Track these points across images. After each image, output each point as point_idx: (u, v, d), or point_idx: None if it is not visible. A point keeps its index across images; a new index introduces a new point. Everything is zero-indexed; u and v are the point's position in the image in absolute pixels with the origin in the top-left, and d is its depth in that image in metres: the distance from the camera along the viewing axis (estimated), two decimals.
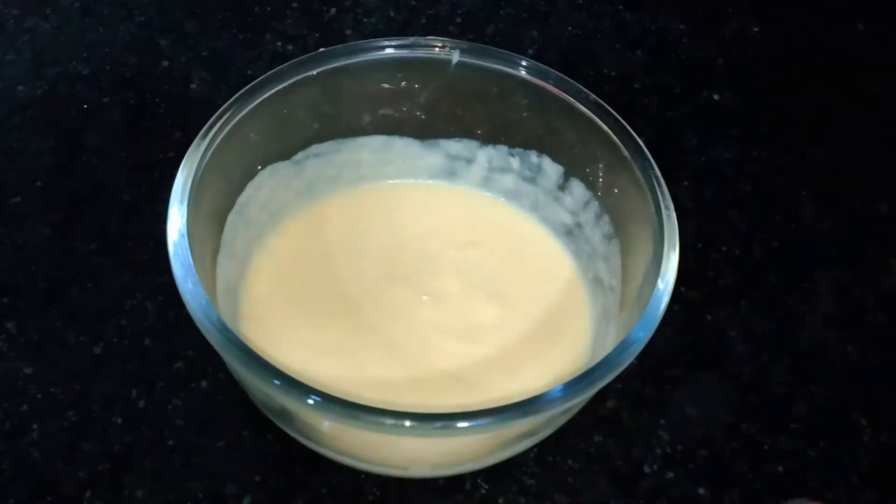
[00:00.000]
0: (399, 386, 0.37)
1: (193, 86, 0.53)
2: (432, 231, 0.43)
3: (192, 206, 0.34)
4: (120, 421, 0.40)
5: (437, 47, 0.40)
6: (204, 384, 0.41)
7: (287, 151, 0.42)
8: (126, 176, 0.48)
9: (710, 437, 0.41)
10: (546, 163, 0.43)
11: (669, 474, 0.40)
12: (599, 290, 0.41)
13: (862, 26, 0.60)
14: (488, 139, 0.43)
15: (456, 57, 0.40)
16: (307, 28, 0.57)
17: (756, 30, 0.60)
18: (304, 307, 0.40)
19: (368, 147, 0.44)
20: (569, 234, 0.43)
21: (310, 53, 0.40)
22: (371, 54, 0.40)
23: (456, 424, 0.29)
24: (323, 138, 0.43)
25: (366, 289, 0.41)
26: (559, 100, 0.40)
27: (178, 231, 0.33)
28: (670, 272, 0.34)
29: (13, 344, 0.42)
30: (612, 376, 0.31)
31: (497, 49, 0.41)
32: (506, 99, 0.42)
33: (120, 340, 0.42)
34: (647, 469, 0.40)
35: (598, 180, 0.41)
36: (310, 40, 0.56)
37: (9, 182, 0.48)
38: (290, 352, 0.36)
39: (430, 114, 0.43)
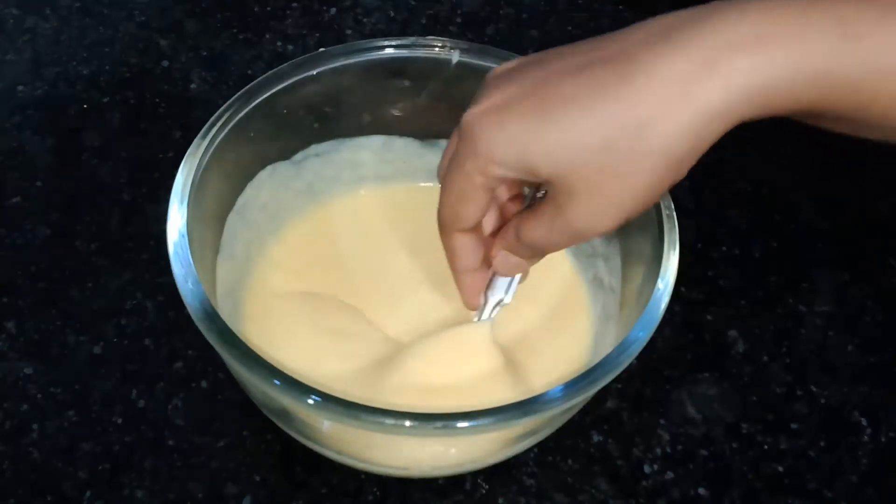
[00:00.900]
0: (399, 385, 0.37)
1: (193, 86, 0.53)
2: (432, 231, 0.43)
3: (192, 206, 0.34)
4: (120, 421, 0.40)
5: (437, 47, 0.40)
6: (204, 384, 0.41)
7: (287, 151, 0.42)
8: (126, 176, 0.48)
9: (710, 437, 0.41)
10: None
11: (669, 474, 0.40)
12: (599, 290, 0.41)
13: None
14: None
15: (456, 57, 0.40)
16: (307, 28, 0.57)
17: None
18: (304, 307, 0.40)
19: (368, 147, 0.44)
20: None
21: (310, 53, 0.40)
22: (371, 54, 0.40)
23: (456, 424, 0.29)
24: (323, 138, 0.43)
25: (366, 289, 0.41)
26: None
27: (178, 231, 0.33)
28: (670, 272, 0.34)
29: (13, 344, 0.42)
30: (612, 376, 0.31)
31: (497, 49, 0.41)
32: None
33: (120, 340, 0.42)
34: (647, 469, 0.40)
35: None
36: (310, 40, 0.56)
37: (9, 182, 0.48)
38: (289, 352, 0.36)
39: (430, 114, 0.43)
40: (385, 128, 0.44)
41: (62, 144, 0.50)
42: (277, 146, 0.41)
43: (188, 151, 0.36)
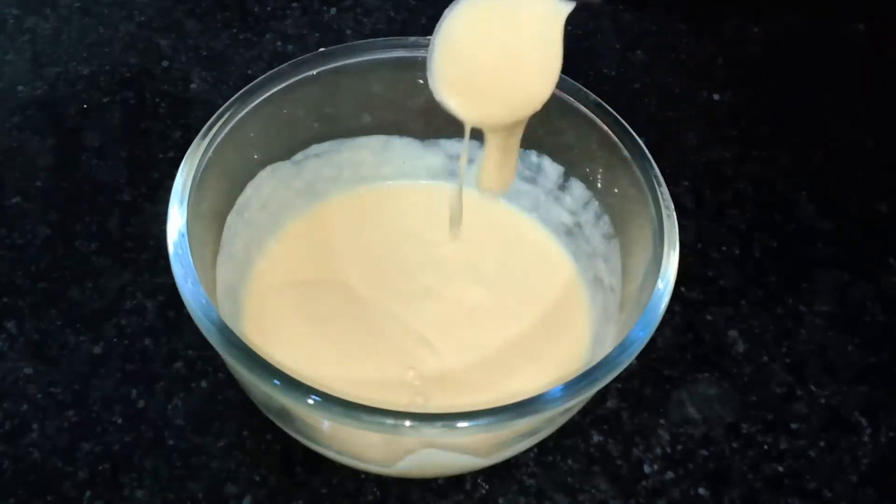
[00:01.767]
0: (399, 385, 0.37)
1: (193, 86, 0.53)
2: (432, 231, 0.43)
3: (192, 206, 0.34)
4: (120, 421, 0.40)
5: None
6: (204, 384, 0.41)
7: (287, 151, 0.42)
8: (126, 176, 0.48)
9: (710, 437, 0.41)
10: (546, 163, 0.43)
11: (669, 474, 0.40)
12: (599, 290, 0.41)
13: (862, 26, 0.60)
14: None
15: None
16: (307, 28, 0.57)
17: (756, 30, 0.60)
18: (305, 307, 0.40)
19: (368, 147, 0.44)
20: (569, 234, 0.43)
21: (310, 53, 0.40)
22: (371, 54, 0.40)
23: (456, 424, 0.29)
24: (323, 138, 0.43)
25: (366, 289, 0.41)
26: (559, 100, 0.40)
27: (178, 231, 0.33)
28: (670, 272, 0.34)
29: (13, 344, 0.42)
30: (612, 376, 0.31)
31: None
32: None
33: (120, 340, 0.42)
34: (647, 469, 0.40)
35: (597, 180, 0.41)
36: (310, 40, 0.56)
37: (9, 182, 0.48)
38: (290, 352, 0.36)
39: (430, 114, 0.42)
40: (385, 128, 0.44)
41: (62, 144, 0.50)
42: (277, 146, 0.41)
43: (188, 151, 0.36)
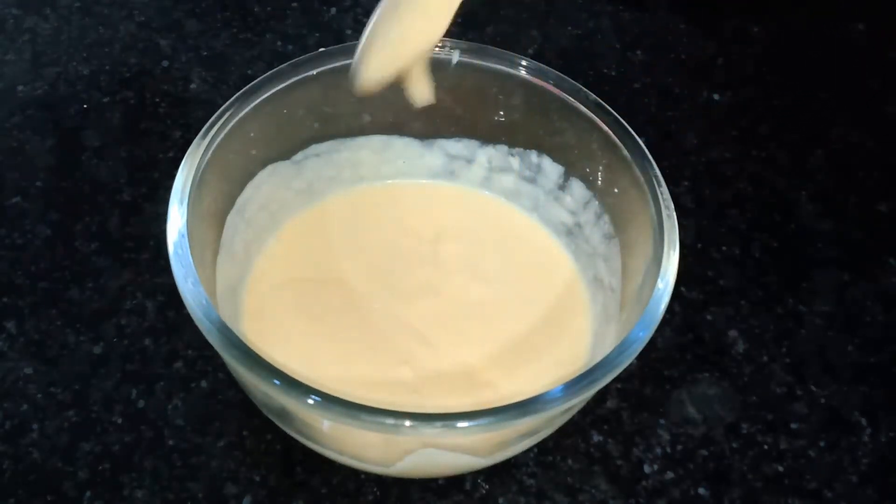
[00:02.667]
0: (399, 385, 0.37)
1: (193, 86, 0.53)
2: (432, 231, 0.43)
3: (192, 206, 0.34)
4: (120, 421, 0.40)
5: (437, 47, 0.40)
6: (204, 384, 0.41)
7: (287, 151, 0.42)
8: (126, 176, 0.48)
9: (710, 437, 0.41)
10: (546, 163, 0.43)
11: (669, 474, 0.40)
12: (599, 290, 0.41)
13: (862, 26, 0.60)
14: (488, 139, 0.43)
15: (456, 57, 0.40)
16: (307, 28, 0.57)
17: (756, 30, 0.60)
18: (305, 307, 0.40)
19: (368, 147, 0.44)
20: (569, 233, 0.43)
21: (310, 53, 0.40)
22: None
23: (456, 424, 0.29)
24: (323, 138, 0.43)
25: (366, 289, 0.41)
26: (559, 100, 0.40)
27: (178, 231, 0.33)
28: (670, 272, 0.34)
29: (13, 344, 0.42)
30: (612, 376, 0.31)
31: (497, 49, 0.41)
32: (506, 99, 0.42)
33: (120, 340, 0.42)
34: (647, 469, 0.40)
35: (597, 180, 0.41)
36: (310, 40, 0.56)
37: (9, 182, 0.48)
38: (290, 352, 0.36)
39: (430, 114, 0.43)
40: (385, 128, 0.44)
41: (62, 144, 0.50)
42: (277, 146, 0.41)
43: (188, 151, 0.36)
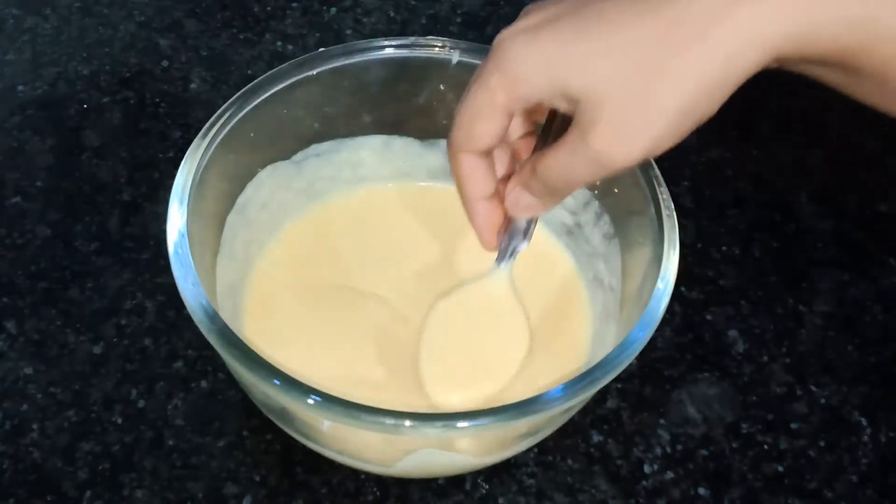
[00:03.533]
0: (400, 386, 0.37)
1: (193, 86, 0.53)
2: (432, 231, 0.43)
3: (192, 206, 0.34)
4: (120, 421, 0.40)
5: (437, 47, 0.40)
6: (204, 384, 0.41)
7: (287, 151, 0.42)
8: (126, 176, 0.48)
9: (709, 437, 0.41)
10: None
11: (669, 474, 0.40)
12: (599, 289, 0.41)
13: None
14: None
15: (456, 57, 0.40)
16: (307, 28, 0.57)
17: None
18: (305, 307, 0.40)
19: (368, 147, 0.44)
20: (569, 233, 0.43)
21: (310, 53, 0.40)
22: (371, 54, 0.40)
23: (456, 424, 0.29)
24: (323, 138, 0.43)
25: (366, 289, 0.41)
26: None
27: (178, 231, 0.33)
28: (670, 272, 0.34)
29: (13, 344, 0.42)
30: (612, 376, 0.31)
31: None
32: None
33: (120, 340, 0.42)
34: (647, 469, 0.40)
35: (597, 180, 0.41)
36: (310, 40, 0.56)
37: (9, 182, 0.48)
38: (290, 352, 0.36)
39: (430, 114, 0.43)
40: (385, 128, 0.44)
41: (62, 144, 0.50)
42: (277, 146, 0.41)
43: (188, 151, 0.36)
